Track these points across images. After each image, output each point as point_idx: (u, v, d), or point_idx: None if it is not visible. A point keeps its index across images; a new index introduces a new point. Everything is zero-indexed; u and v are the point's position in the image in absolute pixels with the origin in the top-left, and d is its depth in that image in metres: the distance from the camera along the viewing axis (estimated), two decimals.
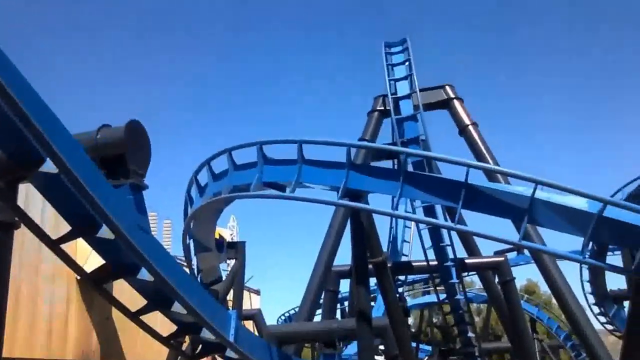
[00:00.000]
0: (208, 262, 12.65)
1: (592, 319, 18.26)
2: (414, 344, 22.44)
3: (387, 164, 13.38)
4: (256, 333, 14.83)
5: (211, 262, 12.73)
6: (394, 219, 21.86)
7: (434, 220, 12.00)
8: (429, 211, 14.58)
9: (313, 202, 9.43)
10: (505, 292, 17.41)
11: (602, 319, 22.60)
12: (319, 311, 21.58)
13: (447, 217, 16.54)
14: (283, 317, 31.89)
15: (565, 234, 8.12)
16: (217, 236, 13.86)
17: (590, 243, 8.00)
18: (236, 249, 13.55)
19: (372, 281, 16.54)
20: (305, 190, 9.86)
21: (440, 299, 20.02)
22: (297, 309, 23.04)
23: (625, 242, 8.22)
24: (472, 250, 20.23)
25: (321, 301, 18.63)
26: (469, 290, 31.62)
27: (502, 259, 17.73)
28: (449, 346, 24.88)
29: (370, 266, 11.71)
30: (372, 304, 18.66)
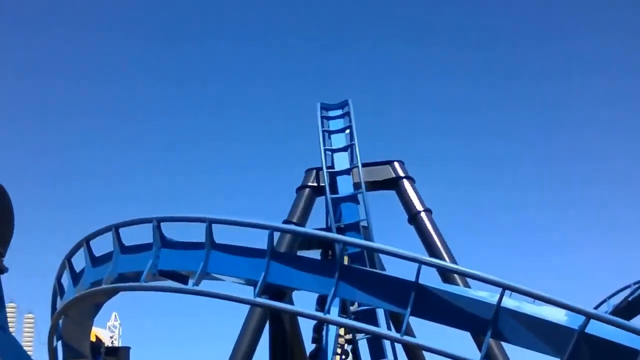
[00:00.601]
0: None
1: None
2: None
3: (318, 254, 13.29)
4: None
5: None
6: (324, 325, 21.47)
7: (374, 329, 11.74)
8: (369, 317, 14.36)
9: (223, 299, 9.26)
10: None
11: None
12: None
13: (392, 325, 16.28)
14: None
15: (537, 353, 8.09)
16: (93, 339, 13.44)
17: None
18: (117, 356, 13.10)
19: None
20: (213, 283, 9.67)
21: None
22: None
23: None
24: None
25: None
26: None
27: None
28: None
29: None
30: None
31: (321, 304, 10.15)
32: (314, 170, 17.49)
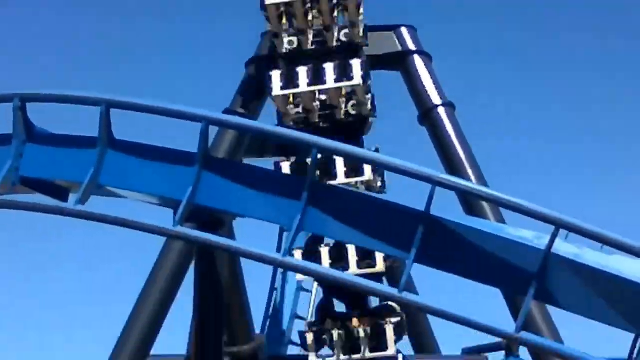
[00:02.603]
0: None
1: None
2: None
3: (273, 165, 13.38)
4: None
5: None
6: (279, 274, 21.78)
7: (358, 281, 12.07)
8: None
9: (122, 226, 9.42)
10: None
11: None
12: None
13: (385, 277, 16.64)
14: None
15: (602, 325, 8.47)
16: None
17: None
18: None
19: None
20: (109, 201, 9.90)
21: None
22: None
23: None
24: (422, 344, 20.59)
25: None
26: None
27: None
28: None
29: None
30: None
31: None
32: (274, 35, 17.00)
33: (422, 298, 9.48)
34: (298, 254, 12.50)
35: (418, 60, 17.38)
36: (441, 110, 17.37)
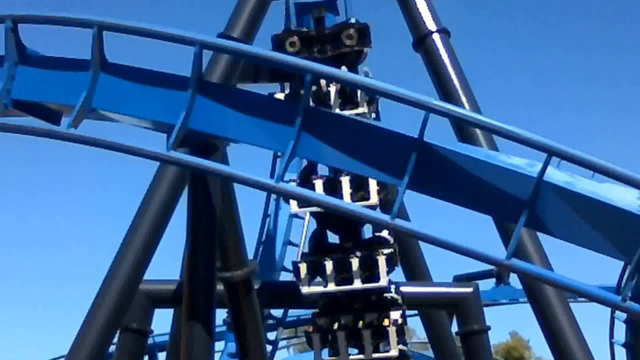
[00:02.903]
0: None
1: None
2: None
3: (266, 91, 13.36)
4: None
5: None
6: (272, 198, 21.91)
7: (351, 207, 12.15)
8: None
9: (115, 151, 9.46)
10: (468, 353, 18.09)
11: None
12: None
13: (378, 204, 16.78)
14: None
15: (592, 252, 8.58)
16: None
17: (637, 275, 8.45)
18: None
19: (221, 315, 16.46)
20: (100, 125, 9.89)
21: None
22: None
23: None
24: (414, 271, 20.79)
25: (112, 349, 18.46)
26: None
27: (469, 290, 18.37)
28: None
29: (219, 286, 11.77)
30: (216, 357, 18.82)
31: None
32: None
33: (414, 225, 9.55)
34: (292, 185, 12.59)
35: None
36: (436, 37, 17.35)
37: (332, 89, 12.90)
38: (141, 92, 9.56)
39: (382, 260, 13.35)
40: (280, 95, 13.42)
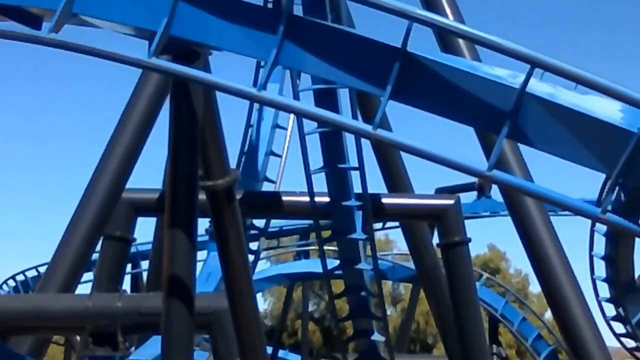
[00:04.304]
0: None
1: (602, 326, 19.62)
2: (269, 350, 23.16)
3: None
4: None
5: None
6: (255, 108, 21.90)
7: (334, 117, 12.13)
8: (326, 99, 14.77)
9: (95, 57, 9.37)
10: (449, 265, 18.33)
11: (619, 326, 24.54)
12: (88, 276, 21.38)
13: (359, 114, 16.74)
14: (13, 283, 31.76)
15: (573, 164, 8.65)
16: None
17: (617, 187, 8.52)
18: None
19: (202, 225, 16.56)
20: (82, 30, 9.78)
21: (328, 268, 20.67)
22: (43, 269, 22.69)
23: None
24: (396, 183, 20.95)
25: (94, 257, 18.61)
26: (384, 255, 32.99)
27: (450, 202, 18.52)
28: (335, 358, 26.02)
29: (201, 195, 11.81)
30: (198, 267, 19.00)
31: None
32: None
33: (396, 135, 9.54)
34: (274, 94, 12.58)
35: None
36: None
37: None
38: None
39: None
40: None
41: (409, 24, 8.66)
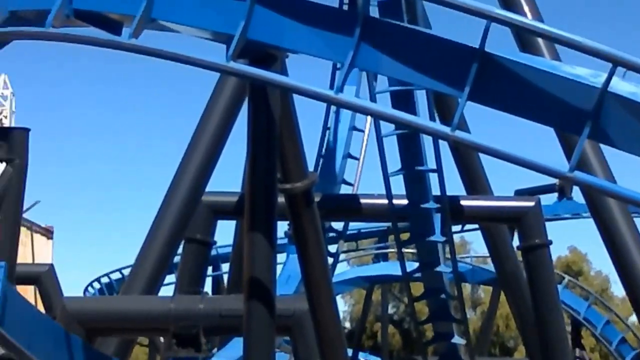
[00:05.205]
0: None
1: None
2: (349, 352, 23.11)
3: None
4: (43, 310, 14.80)
5: None
6: (332, 111, 21.90)
7: (411, 119, 12.10)
8: (403, 101, 14.69)
9: (174, 61, 9.46)
10: (529, 268, 18.13)
11: None
12: (170, 278, 21.58)
13: (437, 115, 16.63)
14: (98, 286, 32.17)
15: None
16: None
17: None
18: (9, 142, 13.83)
19: (282, 227, 16.56)
20: (160, 35, 9.90)
21: (407, 270, 20.62)
22: (127, 272, 22.93)
23: None
24: (474, 185, 20.79)
25: (176, 259, 18.78)
26: (463, 258, 32.75)
27: (531, 204, 18.31)
28: None
29: (280, 198, 11.83)
30: (277, 269, 19.07)
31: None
32: None
33: (474, 136, 9.45)
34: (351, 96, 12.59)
35: None
36: None
37: None
38: (200, 2, 9.55)
39: None
40: None
41: (487, 23, 8.57)
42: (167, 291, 20.59)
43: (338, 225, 23.21)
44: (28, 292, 19.51)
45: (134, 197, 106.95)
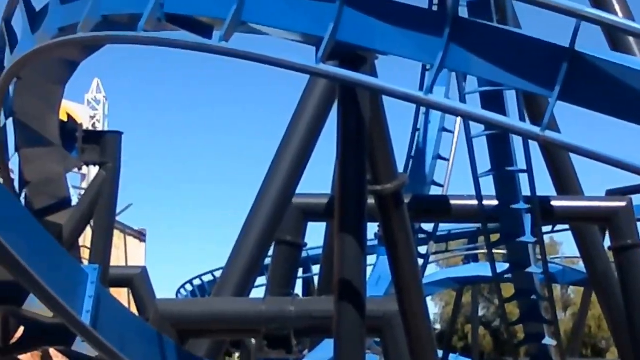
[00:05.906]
0: (43, 166, 12.62)
1: None
2: (439, 354, 23.05)
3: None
4: (135, 312, 15.04)
5: (50, 166, 12.71)
6: (421, 112, 21.86)
7: (500, 119, 12.03)
8: (492, 101, 14.61)
9: (265, 64, 9.55)
10: (621, 268, 17.86)
11: None
12: (261, 280, 21.74)
13: (527, 116, 16.49)
14: (190, 287, 32.52)
15: None
16: (64, 117, 14.12)
17: None
18: (102, 146, 13.94)
19: (372, 229, 16.61)
20: (251, 38, 10.02)
21: (498, 271, 20.48)
22: (218, 274, 23.18)
23: None
24: (565, 185, 20.57)
25: (267, 261, 18.90)
26: (553, 259, 32.35)
27: (622, 204, 18.05)
28: None
29: (370, 200, 11.84)
30: (368, 271, 19.11)
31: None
32: None
33: (565, 136, 9.35)
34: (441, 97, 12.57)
35: None
36: None
37: None
38: (290, 4, 9.58)
39: None
40: None
41: (577, 22, 8.47)
42: (258, 293, 20.77)
43: (428, 227, 23.14)
44: (122, 295, 19.79)
45: (228, 195, 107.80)
